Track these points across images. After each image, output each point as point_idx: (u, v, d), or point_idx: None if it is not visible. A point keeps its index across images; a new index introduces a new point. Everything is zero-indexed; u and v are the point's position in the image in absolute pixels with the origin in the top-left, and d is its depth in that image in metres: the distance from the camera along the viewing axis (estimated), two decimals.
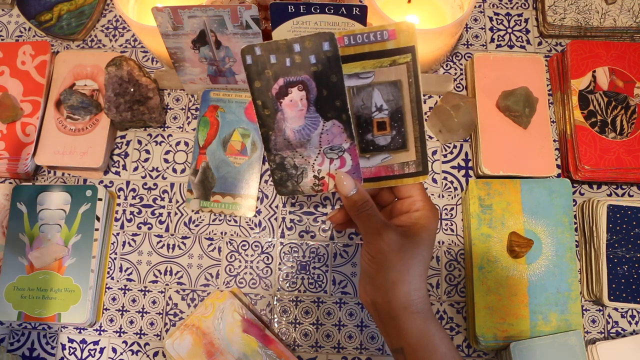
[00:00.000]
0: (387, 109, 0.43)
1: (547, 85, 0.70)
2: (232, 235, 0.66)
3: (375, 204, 0.45)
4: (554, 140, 0.68)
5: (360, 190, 0.45)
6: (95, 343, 0.64)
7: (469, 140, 0.69)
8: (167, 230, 0.67)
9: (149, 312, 0.65)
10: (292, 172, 0.47)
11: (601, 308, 0.63)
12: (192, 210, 0.67)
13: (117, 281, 0.66)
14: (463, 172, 0.68)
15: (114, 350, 0.64)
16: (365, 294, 0.46)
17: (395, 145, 0.45)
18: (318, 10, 0.55)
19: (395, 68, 0.41)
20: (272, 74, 0.42)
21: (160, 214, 0.67)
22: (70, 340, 0.64)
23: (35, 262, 0.62)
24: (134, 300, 0.65)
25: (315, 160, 0.46)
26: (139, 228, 0.67)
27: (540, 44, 0.73)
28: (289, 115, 0.44)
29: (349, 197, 0.45)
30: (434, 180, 0.68)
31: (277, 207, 0.67)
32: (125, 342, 0.64)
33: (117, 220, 0.68)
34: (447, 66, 0.72)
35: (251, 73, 0.42)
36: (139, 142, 0.70)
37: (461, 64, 0.72)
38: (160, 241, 0.67)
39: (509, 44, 0.73)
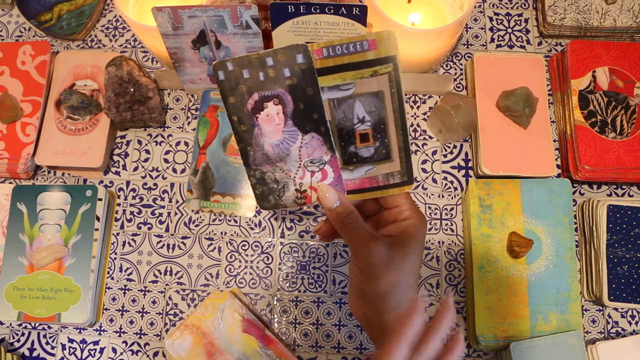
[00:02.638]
0: (370, 120, 0.42)
1: (547, 85, 0.70)
2: (232, 235, 0.66)
3: (360, 215, 0.44)
4: (554, 140, 0.68)
5: (344, 202, 0.44)
6: (95, 343, 0.64)
7: (469, 140, 0.69)
8: (167, 230, 0.67)
9: (149, 312, 0.65)
10: (273, 186, 0.46)
11: (601, 308, 0.63)
12: (192, 210, 0.67)
13: (117, 281, 0.66)
14: (463, 172, 0.68)
15: (114, 350, 0.64)
16: (355, 306, 0.45)
17: (379, 156, 0.44)
18: (318, 10, 0.55)
19: (376, 79, 0.40)
20: (246, 89, 0.41)
21: (160, 214, 0.67)
22: (70, 340, 0.64)
23: (35, 262, 0.62)
24: (134, 300, 0.65)
25: (296, 173, 0.45)
26: (139, 228, 0.67)
27: (540, 44, 0.73)
28: (266, 130, 0.43)
29: (332, 210, 0.44)
30: (434, 180, 0.68)
31: None
32: (125, 342, 0.64)
33: (117, 220, 0.68)
34: (447, 66, 0.72)
35: (225, 89, 0.41)
36: (139, 142, 0.70)
37: (461, 64, 0.72)
38: (160, 241, 0.67)
39: (509, 44, 0.73)
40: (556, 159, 0.68)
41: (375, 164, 0.44)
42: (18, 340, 0.65)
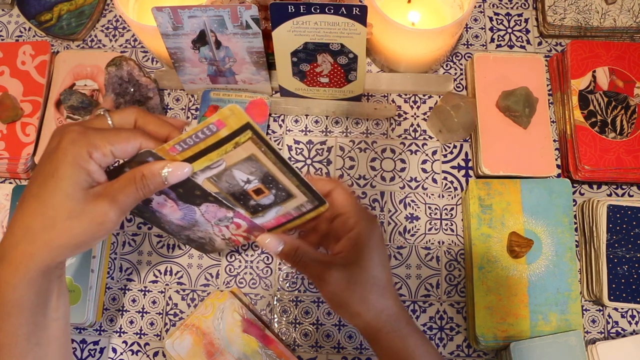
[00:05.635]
0: (255, 179, 0.42)
1: (547, 85, 0.70)
2: None
3: (308, 247, 0.44)
4: (554, 140, 0.68)
5: (286, 242, 0.44)
6: (95, 343, 0.64)
7: (469, 140, 0.69)
8: None
9: (149, 312, 0.65)
10: (201, 241, 0.48)
11: (601, 308, 0.63)
12: None
13: (117, 281, 0.66)
14: (463, 172, 0.68)
15: (114, 350, 0.64)
16: (344, 319, 0.47)
17: (281, 198, 0.44)
18: (318, 10, 0.55)
19: (240, 147, 0.39)
20: None
21: None
22: (70, 340, 0.64)
23: None
24: (134, 300, 0.65)
25: (213, 230, 0.47)
26: (139, 228, 0.67)
27: (540, 44, 0.73)
28: (166, 212, 0.45)
29: (279, 253, 0.44)
30: (434, 180, 0.68)
31: None
32: (125, 342, 0.64)
33: None
34: (447, 66, 0.72)
35: None
36: None
37: (461, 64, 0.72)
38: (160, 241, 0.67)
39: (509, 44, 0.73)
40: (556, 159, 0.68)
41: (281, 204, 0.45)
42: None
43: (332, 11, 0.55)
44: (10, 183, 0.69)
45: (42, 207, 0.36)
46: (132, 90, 0.66)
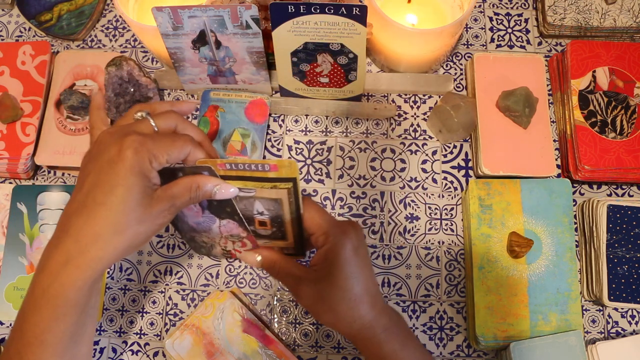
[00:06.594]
0: (268, 215, 0.45)
1: (547, 85, 0.70)
2: None
3: (285, 261, 0.46)
4: (554, 140, 0.68)
5: (264, 257, 0.47)
6: (95, 343, 0.64)
7: (469, 140, 0.69)
8: (167, 230, 0.67)
9: (149, 312, 0.65)
10: (202, 244, 0.51)
11: (601, 308, 0.63)
12: None
13: (117, 281, 0.66)
14: (463, 172, 0.68)
15: (114, 350, 0.64)
16: None
17: (275, 236, 0.47)
18: (318, 10, 0.55)
19: (275, 190, 0.42)
20: None
21: None
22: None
23: (36, 262, 0.62)
24: (134, 300, 0.65)
25: (219, 240, 0.50)
26: None
27: (540, 44, 0.73)
28: (187, 213, 0.47)
29: (260, 267, 0.48)
30: (434, 180, 0.68)
31: None
32: (125, 342, 0.64)
33: None
34: (447, 66, 0.72)
35: None
36: None
37: (461, 64, 0.72)
38: (160, 241, 0.67)
39: (509, 44, 0.73)
40: (556, 159, 0.68)
41: (272, 241, 0.48)
42: None
43: (332, 11, 0.55)
44: (10, 183, 0.69)
45: (112, 214, 0.38)
46: (132, 90, 0.66)
